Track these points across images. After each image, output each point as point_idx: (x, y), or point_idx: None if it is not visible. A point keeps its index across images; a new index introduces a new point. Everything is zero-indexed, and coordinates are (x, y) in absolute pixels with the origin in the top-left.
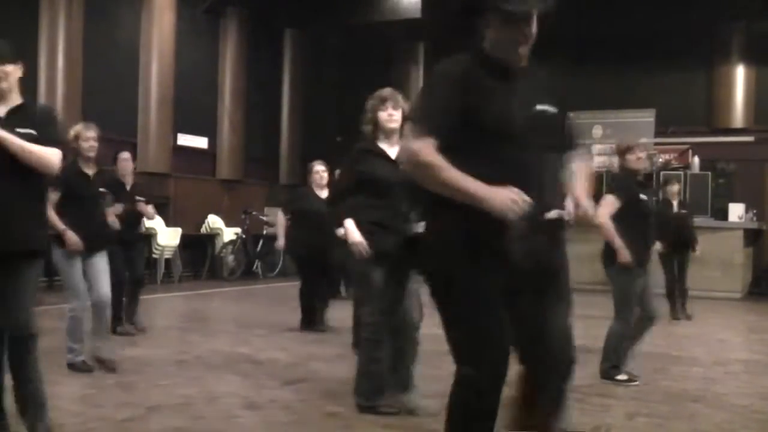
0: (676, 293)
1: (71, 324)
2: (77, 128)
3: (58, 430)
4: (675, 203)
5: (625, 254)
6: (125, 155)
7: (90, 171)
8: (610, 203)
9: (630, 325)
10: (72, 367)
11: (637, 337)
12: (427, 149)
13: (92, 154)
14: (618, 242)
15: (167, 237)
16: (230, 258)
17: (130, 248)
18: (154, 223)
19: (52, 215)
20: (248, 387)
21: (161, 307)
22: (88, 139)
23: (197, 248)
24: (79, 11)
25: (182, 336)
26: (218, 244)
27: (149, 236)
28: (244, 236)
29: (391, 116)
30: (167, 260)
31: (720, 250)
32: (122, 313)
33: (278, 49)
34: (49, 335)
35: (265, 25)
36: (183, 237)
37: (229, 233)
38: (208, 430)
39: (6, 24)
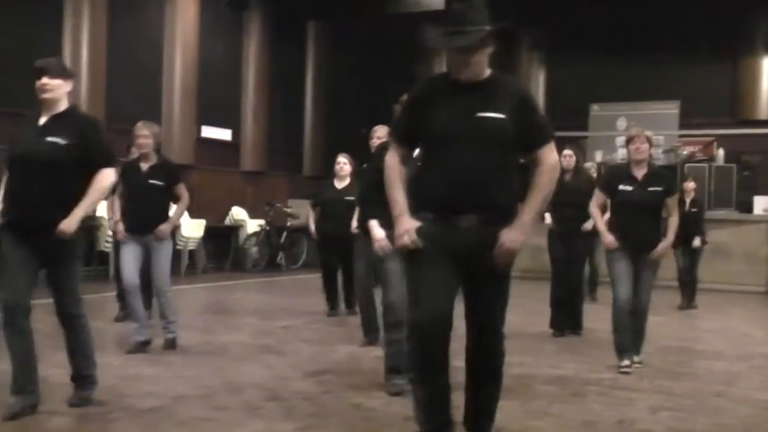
0: (682, 284)
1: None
2: (137, 126)
3: (82, 420)
4: (687, 201)
5: (606, 239)
6: None
7: (144, 164)
8: (597, 196)
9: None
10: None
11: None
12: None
13: (144, 150)
14: (600, 226)
15: (191, 228)
16: (254, 250)
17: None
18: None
19: (114, 204)
20: (271, 378)
21: (185, 298)
22: (139, 137)
23: (221, 240)
24: (103, 4)
25: (206, 327)
26: (242, 236)
27: (174, 228)
28: (267, 228)
29: None
30: (191, 252)
31: (744, 243)
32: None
33: (301, 41)
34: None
35: (288, 17)
36: (207, 228)
37: (253, 225)
38: (231, 420)
39: (30, 16)
